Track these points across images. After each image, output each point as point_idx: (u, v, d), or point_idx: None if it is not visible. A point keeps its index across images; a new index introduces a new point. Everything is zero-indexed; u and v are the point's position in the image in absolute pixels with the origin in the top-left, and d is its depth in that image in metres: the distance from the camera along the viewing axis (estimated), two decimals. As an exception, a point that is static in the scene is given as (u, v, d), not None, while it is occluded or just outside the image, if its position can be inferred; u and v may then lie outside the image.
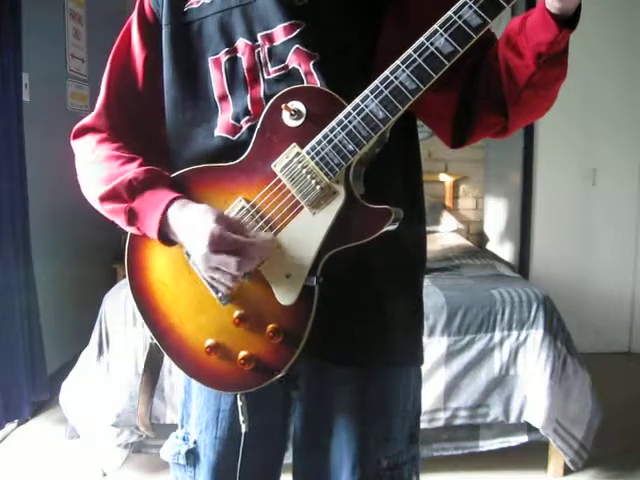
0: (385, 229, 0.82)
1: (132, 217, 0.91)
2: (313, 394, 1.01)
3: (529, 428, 2.17)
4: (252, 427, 0.95)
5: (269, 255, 0.85)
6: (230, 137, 0.92)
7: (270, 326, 0.87)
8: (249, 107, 0.91)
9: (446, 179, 4.16)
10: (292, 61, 0.89)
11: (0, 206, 2.47)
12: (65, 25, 3.25)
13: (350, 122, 0.81)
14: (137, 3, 1.02)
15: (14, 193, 2.53)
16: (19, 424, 2.64)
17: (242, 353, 0.89)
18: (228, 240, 0.82)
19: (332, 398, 0.99)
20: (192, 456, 1.04)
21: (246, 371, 0.89)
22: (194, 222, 0.85)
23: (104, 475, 2.25)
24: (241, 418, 0.93)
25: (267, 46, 0.91)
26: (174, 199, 0.88)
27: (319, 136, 0.83)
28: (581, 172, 3.52)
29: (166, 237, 0.89)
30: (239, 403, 0.93)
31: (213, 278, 0.87)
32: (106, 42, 1.03)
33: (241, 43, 0.92)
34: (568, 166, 3.53)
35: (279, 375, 0.89)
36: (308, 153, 0.84)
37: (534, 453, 2.27)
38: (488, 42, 0.89)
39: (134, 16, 1.02)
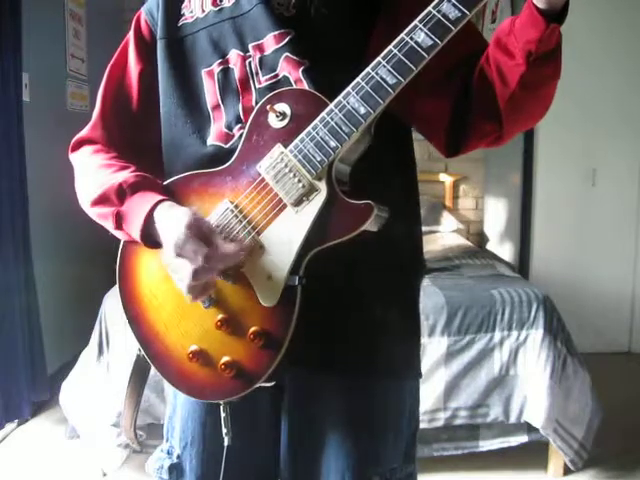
0: (367, 226, 0.81)
1: (119, 220, 0.91)
2: (299, 405, 0.99)
3: (529, 428, 2.17)
4: (240, 440, 0.93)
5: (233, 264, 0.84)
6: (223, 145, 0.93)
7: (252, 329, 0.85)
8: (241, 115, 0.92)
9: (446, 179, 4.16)
10: (282, 69, 0.90)
11: (0, 206, 2.47)
12: (65, 25, 3.25)
13: (332, 119, 0.81)
14: (134, 19, 1.04)
15: (14, 193, 2.53)
16: (19, 424, 2.64)
17: (224, 359, 0.87)
18: (189, 248, 0.82)
19: (318, 409, 0.97)
20: (175, 470, 1.02)
21: (227, 378, 0.87)
22: (171, 224, 0.85)
23: (104, 475, 2.25)
24: (224, 430, 0.91)
25: (258, 56, 0.92)
26: (161, 201, 0.89)
27: (302, 134, 0.83)
28: (581, 173, 3.52)
29: (150, 239, 0.89)
30: (222, 415, 0.91)
31: (174, 276, 0.86)
32: (106, 42, 1.05)
33: (233, 54, 0.94)
34: (568, 167, 3.53)
35: (259, 383, 0.86)
36: (291, 151, 0.84)
37: (534, 453, 2.27)
38: (482, 49, 0.89)
39: (131, 33, 1.04)
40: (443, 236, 3.69)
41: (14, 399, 2.52)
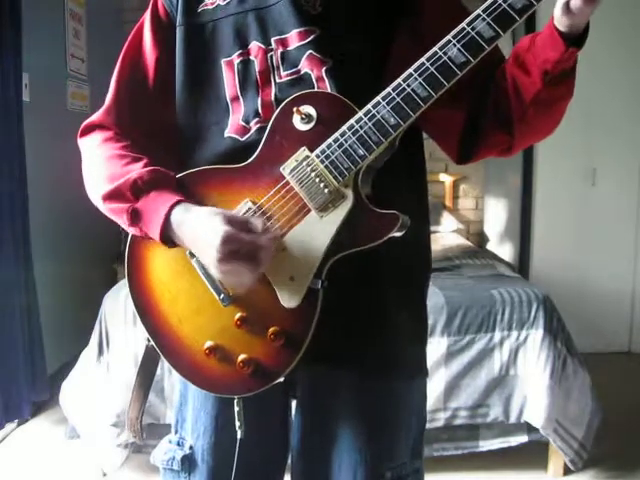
0: (392, 234, 0.82)
1: (135, 217, 0.90)
2: (311, 401, 1.00)
3: (529, 428, 2.17)
4: (251, 434, 0.94)
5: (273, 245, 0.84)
6: (239, 138, 0.93)
7: (272, 329, 0.86)
8: (259, 109, 0.92)
9: (446, 179, 4.17)
10: (304, 66, 0.90)
11: (0, 206, 2.47)
12: (65, 25, 3.25)
13: (361, 127, 0.82)
14: (151, 2, 1.02)
15: (14, 193, 2.53)
16: (19, 424, 2.64)
17: (242, 356, 0.88)
18: (243, 242, 0.81)
19: (331, 405, 0.98)
20: (188, 462, 1.02)
21: (245, 375, 0.88)
22: (202, 226, 0.84)
23: (104, 475, 2.25)
24: (237, 424, 0.92)
25: (280, 50, 0.92)
26: (178, 201, 0.88)
27: (329, 140, 0.83)
28: (581, 172, 3.52)
29: (168, 239, 0.89)
30: (236, 408, 0.92)
31: (228, 280, 0.86)
32: (106, 42, 1.04)
33: (254, 46, 0.93)
34: (568, 166, 3.52)
35: (278, 380, 0.87)
36: (318, 156, 0.84)
37: (534, 453, 2.27)
38: (498, 61, 0.90)
39: (147, 15, 1.02)
40: (443, 236, 3.69)
41: (14, 399, 2.52)
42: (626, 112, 3.46)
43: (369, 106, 0.82)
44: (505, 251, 3.95)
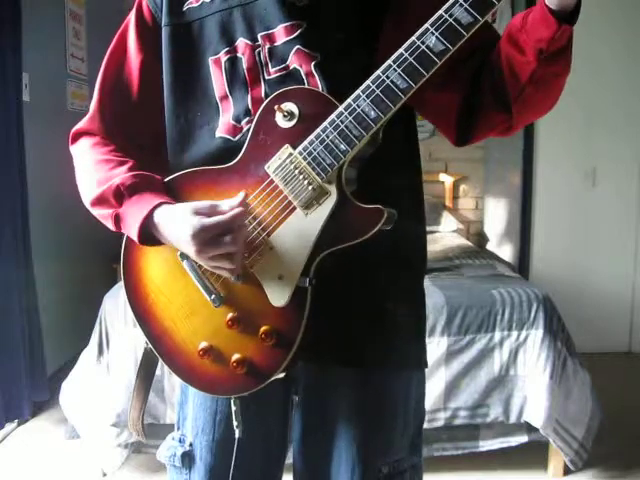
0: (378, 228, 0.82)
1: (118, 222, 0.91)
2: (312, 398, 1.00)
3: (529, 428, 2.17)
4: (251, 431, 0.94)
5: (245, 217, 0.85)
6: (231, 138, 0.92)
7: (263, 328, 0.87)
8: (250, 108, 0.91)
9: (446, 179, 4.16)
10: (293, 62, 0.89)
11: (0, 206, 2.47)
12: (65, 25, 3.25)
13: (342, 122, 0.81)
14: (135, 5, 1.01)
15: (14, 193, 2.53)
16: (19, 424, 2.64)
17: (235, 356, 0.88)
18: (212, 227, 0.82)
19: (331, 402, 0.98)
20: (187, 458, 1.03)
21: (239, 374, 0.88)
22: (177, 225, 0.85)
23: (104, 475, 2.24)
24: (235, 423, 0.93)
25: (268, 46, 0.91)
26: (160, 204, 0.88)
27: (311, 136, 0.83)
28: (581, 172, 3.52)
29: (151, 240, 0.89)
30: (233, 408, 0.93)
31: (217, 267, 0.86)
32: (106, 42, 1.03)
33: (241, 43, 0.92)
34: (568, 166, 3.53)
35: (271, 379, 0.88)
36: (300, 153, 0.84)
37: (534, 453, 2.27)
38: (493, 41, 0.89)
39: (131, 18, 1.01)
40: (443, 236, 3.69)
41: (14, 399, 2.52)
42: (626, 112, 3.46)
43: (349, 100, 0.81)
44: (505, 251, 3.95)
